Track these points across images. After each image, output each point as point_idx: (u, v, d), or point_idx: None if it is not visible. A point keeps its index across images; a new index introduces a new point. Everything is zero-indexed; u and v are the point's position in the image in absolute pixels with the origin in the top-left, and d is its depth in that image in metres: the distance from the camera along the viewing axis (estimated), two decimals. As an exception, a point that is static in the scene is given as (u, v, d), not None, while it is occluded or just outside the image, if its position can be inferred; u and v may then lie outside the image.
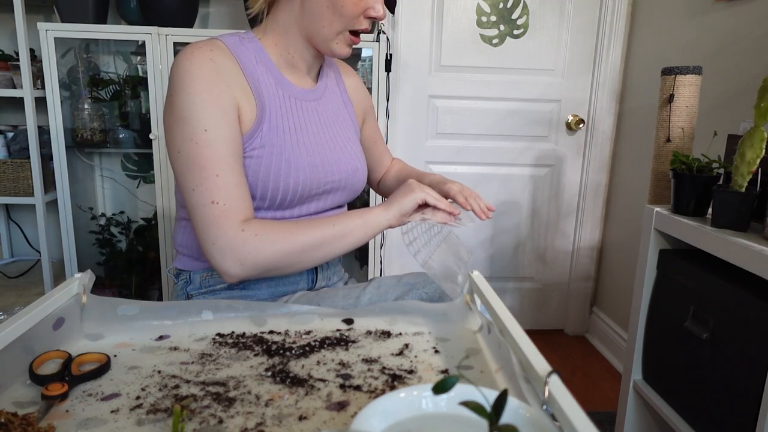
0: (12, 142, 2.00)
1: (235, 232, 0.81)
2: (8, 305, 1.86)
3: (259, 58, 0.92)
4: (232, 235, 0.81)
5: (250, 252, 0.81)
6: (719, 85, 1.65)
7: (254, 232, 0.81)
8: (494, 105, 2.26)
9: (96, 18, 1.88)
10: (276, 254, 0.82)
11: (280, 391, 0.60)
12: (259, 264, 0.82)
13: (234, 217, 0.81)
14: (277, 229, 0.83)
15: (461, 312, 0.78)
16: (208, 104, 0.82)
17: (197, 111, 0.81)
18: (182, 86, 0.82)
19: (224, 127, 0.83)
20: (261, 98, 0.90)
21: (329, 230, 0.85)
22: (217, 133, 0.82)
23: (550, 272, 2.45)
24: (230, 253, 0.81)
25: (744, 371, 1.04)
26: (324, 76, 1.04)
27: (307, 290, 1.01)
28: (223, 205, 0.81)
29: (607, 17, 2.18)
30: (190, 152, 0.82)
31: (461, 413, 0.45)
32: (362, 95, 1.14)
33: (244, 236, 0.81)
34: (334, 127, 1.01)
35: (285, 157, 0.90)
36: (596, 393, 2.01)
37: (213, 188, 0.81)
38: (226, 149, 0.82)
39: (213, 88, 0.83)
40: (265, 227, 0.83)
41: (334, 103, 1.04)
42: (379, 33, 1.99)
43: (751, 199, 1.09)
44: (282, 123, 0.91)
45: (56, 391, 0.56)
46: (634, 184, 2.15)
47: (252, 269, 0.83)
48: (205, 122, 0.81)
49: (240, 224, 0.81)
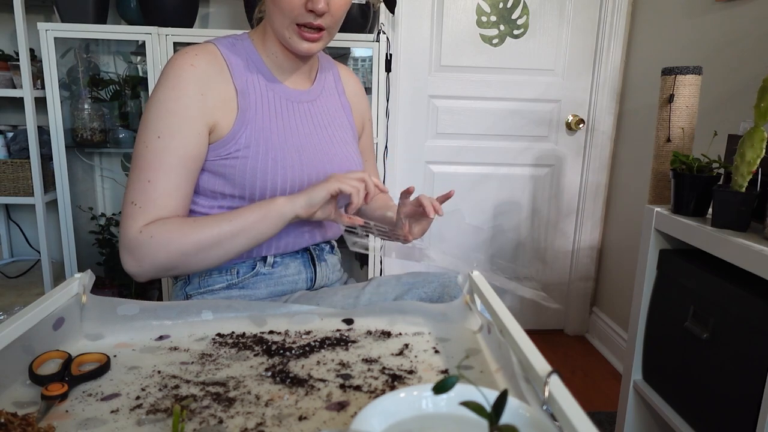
0: (12, 142, 2.00)
1: (135, 233, 0.83)
2: (8, 305, 1.86)
3: (251, 59, 0.94)
4: (132, 236, 0.83)
5: (146, 254, 0.83)
6: (719, 85, 1.65)
7: (150, 233, 0.82)
8: (494, 105, 2.26)
9: (96, 18, 1.88)
10: (170, 255, 0.83)
11: (280, 391, 0.60)
12: (155, 264, 0.83)
13: (141, 219, 0.83)
14: (173, 230, 0.83)
15: (461, 312, 0.78)
16: (170, 112, 0.85)
17: (157, 117, 0.85)
18: (157, 89, 0.87)
19: (179, 136, 0.85)
20: (247, 100, 0.91)
21: (225, 227, 0.84)
22: (168, 143, 0.84)
23: (550, 272, 2.45)
24: (128, 254, 0.84)
25: (744, 371, 1.04)
26: (321, 78, 1.04)
27: (306, 290, 1.01)
28: (138, 207, 0.84)
29: (607, 17, 2.18)
30: (140, 154, 0.86)
31: (461, 413, 0.45)
32: (362, 103, 1.13)
33: (141, 238, 0.82)
34: (329, 129, 1.01)
35: (271, 156, 0.91)
36: (596, 393, 2.00)
37: (139, 190, 0.84)
38: (172, 158, 0.85)
39: (182, 97, 0.85)
40: (162, 229, 0.83)
41: (331, 105, 1.04)
42: (379, 33, 1.99)
43: (751, 199, 1.09)
44: (270, 123, 0.93)
45: (56, 391, 0.56)
46: (634, 184, 2.15)
47: (150, 269, 0.84)
48: (160, 129, 0.85)
49: (141, 226, 0.83)
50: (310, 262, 1.02)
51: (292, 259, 1.00)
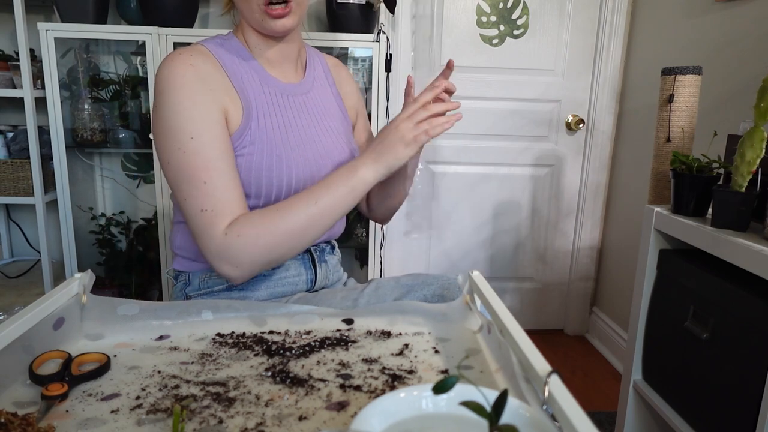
0: (12, 142, 2.00)
1: (221, 238, 0.81)
2: (8, 305, 1.86)
3: (242, 56, 0.94)
4: (219, 242, 0.81)
5: (238, 254, 0.81)
6: (719, 85, 1.65)
7: (237, 233, 0.81)
8: (494, 105, 2.26)
9: (96, 18, 1.88)
10: (265, 249, 0.82)
11: (280, 391, 0.60)
12: (253, 262, 0.82)
13: (220, 223, 0.82)
14: (258, 224, 0.82)
15: (461, 312, 0.78)
16: (191, 112, 0.83)
17: (181, 121, 0.83)
18: (165, 96, 0.84)
19: (209, 132, 0.83)
20: (246, 97, 0.91)
21: (312, 209, 0.83)
22: (202, 140, 0.83)
23: (550, 272, 2.45)
24: (222, 259, 0.82)
25: (744, 371, 1.04)
26: (311, 69, 1.04)
27: (306, 291, 1.01)
28: (210, 212, 0.82)
29: (607, 17, 2.18)
30: (179, 163, 0.83)
31: (461, 413, 0.45)
32: (354, 93, 1.13)
33: (228, 241, 0.81)
34: (324, 121, 1.01)
35: (276, 153, 0.90)
36: (596, 393, 2.00)
37: (201, 197, 0.82)
38: (213, 153, 0.83)
39: (195, 95, 0.84)
40: (247, 225, 0.82)
41: (323, 96, 1.04)
42: (379, 33, 1.99)
43: (751, 199, 1.09)
44: (270, 120, 0.92)
45: (56, 391, 0.56)
46: (634, 184, 2.15)
47: (249, 268, 0.83)
48: (190, 131, 0.83)
49: (224, 229, 0.82)
50: (311, 263, 1.01)
51: (293, 260, 1.00)
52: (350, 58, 2.19)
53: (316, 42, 1.91)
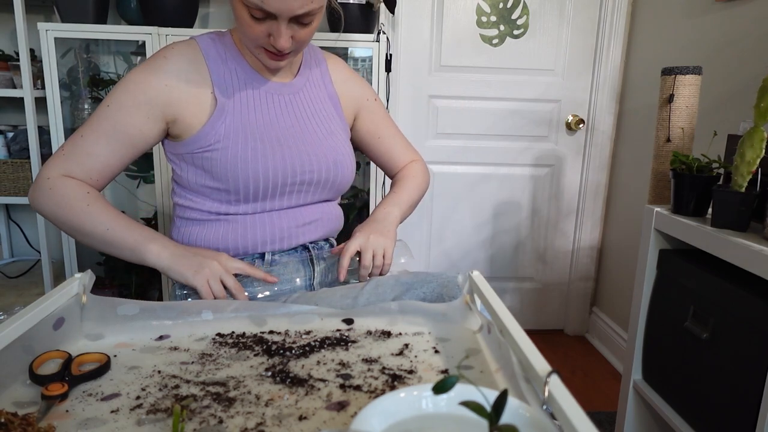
0: (12, 142, 2.00)
1: (44, 177, 0.90)
2: (8, 305, 1.86)
3: (230, 54, 0.98)
4: (42, 177, 0.90)
5: (38, 197, 0.90)
6: (719, 85, 1.65)
7: (51, 186, 0.89)
8: (494, 105, 2.26)
9: (96, 18, 1.88)
10: (55, 218, 0.90)
11: (280, 391, 0.60)
12: (43, 212, 0.91)
13: (60, 168, 0.90)
14: (65, 203, 0.88)
15: (461, 312, 0.78)
16: (127, 91, 0.92)
17: (115, 91, 0.92)
18: (135, 68, 0.94)
19: (124, 112, 0.91)
20: (225, 92, 0.95)
21: (99, 230, 0.89)
22: (112, 113, 0.91)
23: (550, 272, 2.45)
24: (33, 188, 0.91)
25: (744, 371, 1.04)
26: (306, 70, 1.05)
27: (305, 290, 1.01)
28: (63, 155, 0.91)
29: (607, 17, 2.18)
30: (95, 112, 0.93)
31: (461, 413, 0.45)
32: (353, 89, 1.12)
33: (45, 185, 0.89)
34: (314, 120, 1.03)
35: (251, 147, 0.93)
36: (596, 393, 2.01)
37: (71, 142, 0.92)
38: (109, 126, 0.91)
39: (143, 81, 0.92)
40: (63, 192, 0.88)
41: (316, 96, 1.05)
42: (379, 33, 1.99)
43: (751, 199, 1.09)
44: (249, 115, 0.96)
45: (56, 391, 0.56)
46: (634, 184, 2.15)
47: (38, 211, 0.92)
48: (112, 101, 0.92)
49: (55, 174, 0.90)
50: (309, 261, 1.02)
51: (291, 257, 1.00)
52: (350, 58, 2.19)
53: (315, 42, 1.91)
